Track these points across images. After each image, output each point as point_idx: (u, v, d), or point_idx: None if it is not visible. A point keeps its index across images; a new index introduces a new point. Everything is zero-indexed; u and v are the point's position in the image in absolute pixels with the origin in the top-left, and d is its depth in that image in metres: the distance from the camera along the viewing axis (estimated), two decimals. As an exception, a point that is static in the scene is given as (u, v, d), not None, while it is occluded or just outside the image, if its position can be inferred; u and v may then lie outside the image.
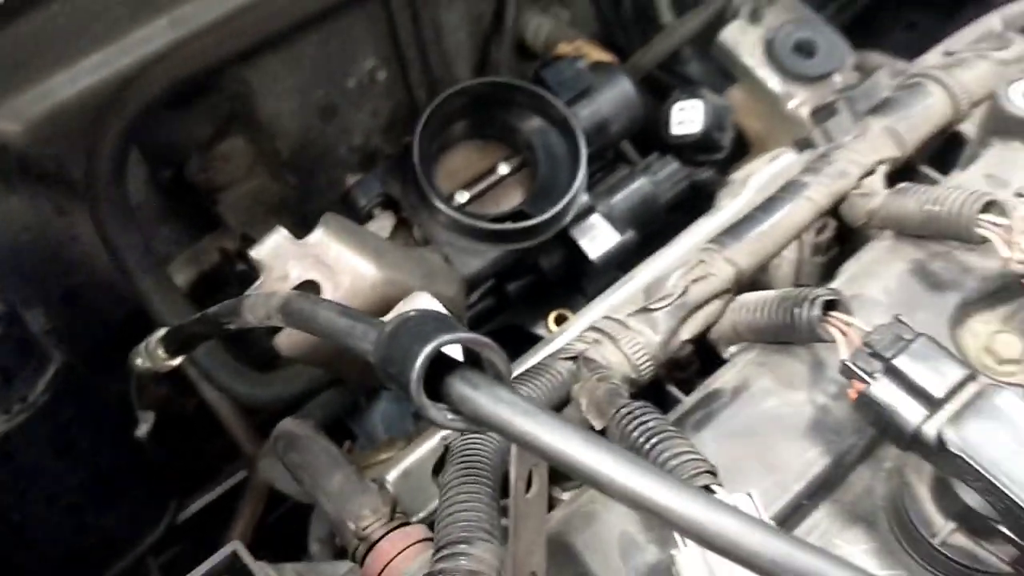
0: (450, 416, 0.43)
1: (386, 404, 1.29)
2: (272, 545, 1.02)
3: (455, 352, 0.45)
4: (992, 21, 1.08)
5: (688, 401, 0.74)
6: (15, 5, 1.00)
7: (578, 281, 1.05)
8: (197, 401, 1.31)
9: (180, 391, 1.31)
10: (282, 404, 1.09)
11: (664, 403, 0.82)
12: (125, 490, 1.23)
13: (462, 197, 0.99)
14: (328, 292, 0.75)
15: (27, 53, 1.06)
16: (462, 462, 0.60)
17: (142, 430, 1.10)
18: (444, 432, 0.84)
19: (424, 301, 0.76)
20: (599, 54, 1.17)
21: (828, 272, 0.96)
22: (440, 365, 0.43)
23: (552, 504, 0.74)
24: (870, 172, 0.83)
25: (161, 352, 0.77)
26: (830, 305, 0.68)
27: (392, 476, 0.80)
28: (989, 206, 0.71)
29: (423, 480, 0.79)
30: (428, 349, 0.42)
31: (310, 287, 0.74)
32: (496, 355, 0.43)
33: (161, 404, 1.29)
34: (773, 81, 1.21)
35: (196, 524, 1.37)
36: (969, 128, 0.89)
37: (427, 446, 0.82)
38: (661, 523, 0.37)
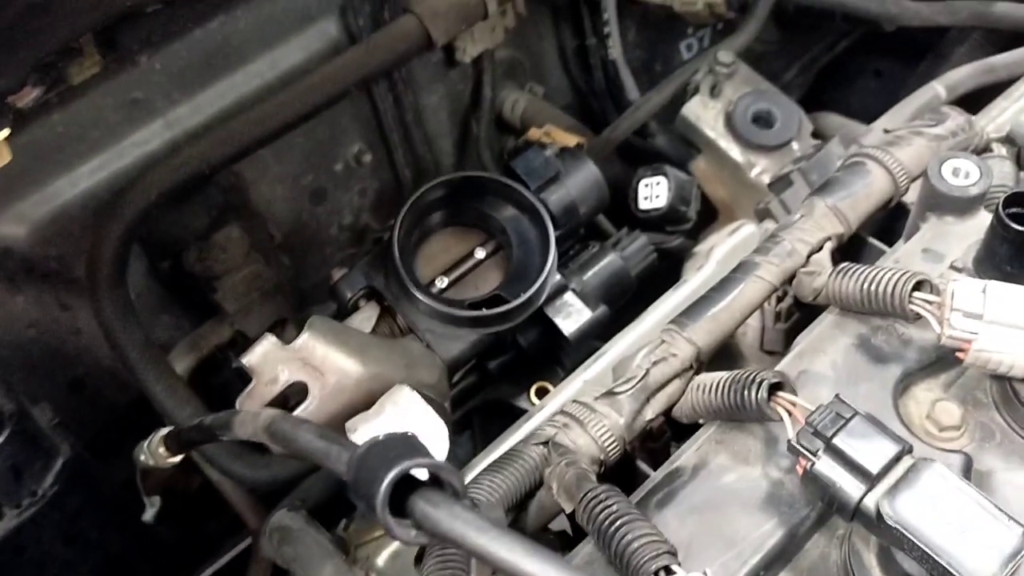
0: (413, 533, 0.48)
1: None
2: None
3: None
4: (933, 90, 1.15)
5: (654, 477, 0.79)
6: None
7: (556, 354, 1.10)
8: (201, 480, 1.36)
9: (184, 471, 1.36)
10: (279, 485, 1.14)
11: (634, 477, 0.87)
12: (135, 572, 1.27)
13: (442, 282, 1.04)
14: (315, 391, 0.80)
15: (29, 160, 1.13)
16: (438, 557, 0.65)
17: (149, 515, 1.15)
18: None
19: (405, 394, 0.82)
20: (566, 138, 1.23)
21: (791, 337, 1.02)
22: (406, 483, 0.49)
23: None
24: (817, 249, 0.89)
25: (162, 451, 0.83)
26: (777, 386, 0.73)
27: (382, 558, 0.85)
28: (920, 285, 0.77)
29: (412, 563, 0.85)
30: (391, 475, 0.47)
31: (299, 387, 0.80)
32: (452, 475, 0.49)
33: (166, 484, 1.34)
34: (734, 151, 1.28)
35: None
36: (912, 198, 0.95)
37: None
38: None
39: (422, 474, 0.50)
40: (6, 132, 0.68)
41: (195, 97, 1.24)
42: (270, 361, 0.79)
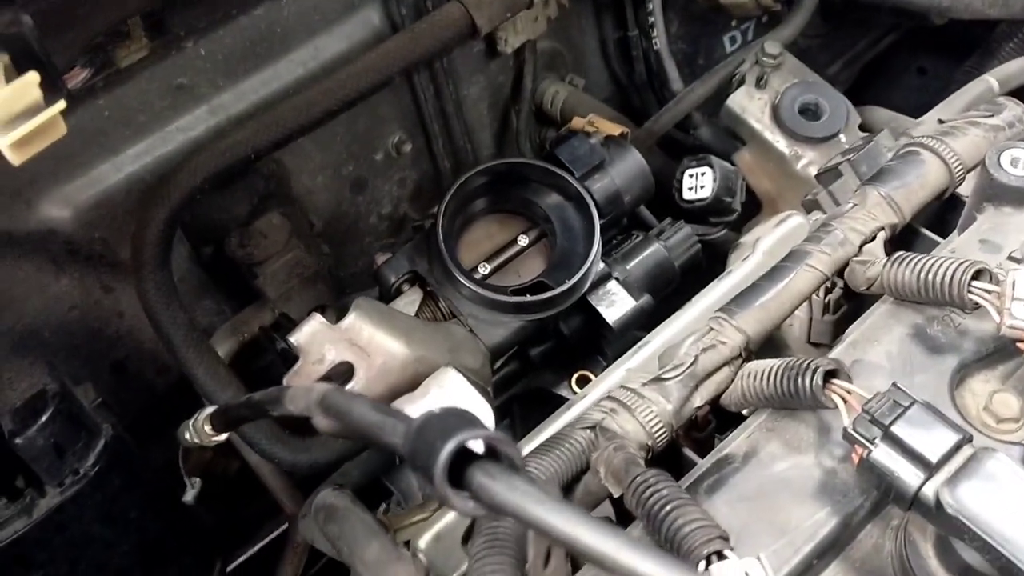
0: (471, 504, 0.47)
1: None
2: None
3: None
4: (987, 82, 1.12)
5: (702, 465, 0.78)
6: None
7: (598, 343, 1.09)
8: (239, 464, 1.36)
9: (223, 454, 1.37)
10: (320, 468, 1.14)
11: (680, 465, 0.86)
12: (172, 554, 1.28)
13: (484, 269, 1.04)
14: (361, 372, 0.80)
15: (75, 144, 1.14)
16: (488, 535, 0.64)
17: (189, 495, 1.16)
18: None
19: (450, 376, 0.81)
20: (610, 127, 1.22)
21: (839, 329, 1.00)
22: (462, 456, 0.48)
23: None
24: (870, 239, 0.87)
25: (208, 429, 0.83)
26: (832, 373, 0.72)
27: (424, 540, 0.84)
28: (979, 274, 0.75)
29: (454, 544, 0.84)
30: (450, 446, 0.47)
31: (344, 368, 0.80)
32: (510, 448, 0.48)
33: (205, 467, 1.35)
34: (781, 143, 1.26)
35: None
36: (966, 190, 0.93)
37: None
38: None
39: (478, 448, 0.49)
40: (62, 105, 0.69)
41: (239, 84, 1.24)
42: (317, 340, 0.79)
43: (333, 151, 1.37)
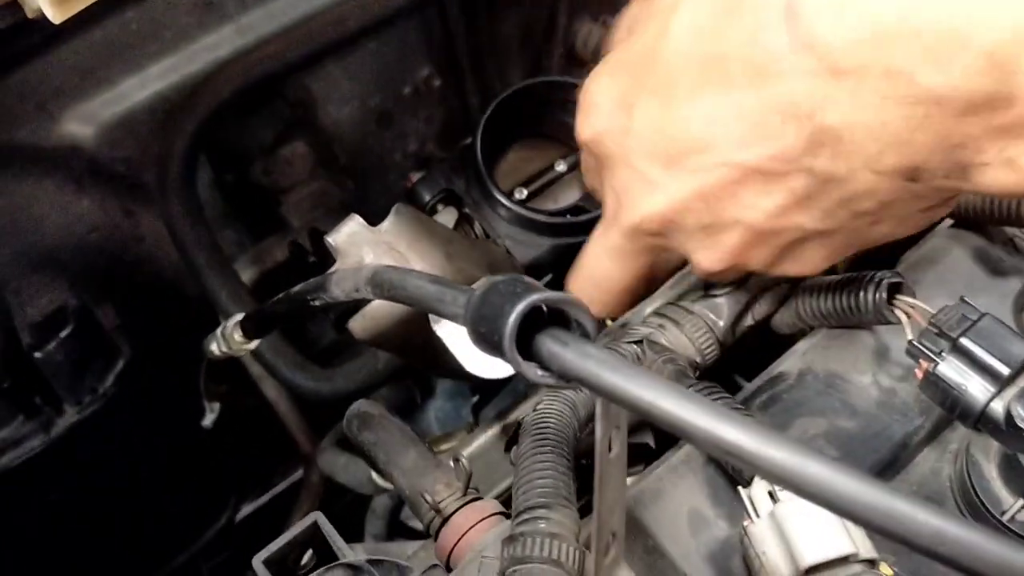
0: (540, 372, 0.45)
1: (441, 401, 1.32)
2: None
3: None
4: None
5: (751, 386, 0.75)
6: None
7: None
8: (255, 403, 1.34)
9: (238, 391, 1.35)
10: (343, 398, 1.11)
11: (728, 388, 0.83)
12: (187, 484, 1.26)
13: (520, 194, 1.01)
14: (399, 278, 0.77)
15: (100, 59, 1.10)
16: (537, 434, 0.61)
17: (208, 420, 1.13)
18: (507, 420, 0.86)
19: (490, 288, 0.78)
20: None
21: (890, 262, 0.97)
22: (528, 325, 0.45)
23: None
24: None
25: (238, 336, 0.80)
26: (894, 288, 0.69)
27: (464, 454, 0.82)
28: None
29: (486, 467, 0.82)
30: (521, 306, 0.44)
31: (382, 274, 0.77)
32: (583, 314, 0.45)
33: (220, 400, 1.32)
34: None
35: (248, 527, 1.40)
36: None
37: (490, 433, 0.84)
38: (756, 472, 0.38)
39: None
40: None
41: (268, 4, 1.20)
42: (356, 242, 0.76)
43: (361, 80, 1.33)
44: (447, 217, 0.97)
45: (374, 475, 0.99)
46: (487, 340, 0.46)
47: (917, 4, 0.47)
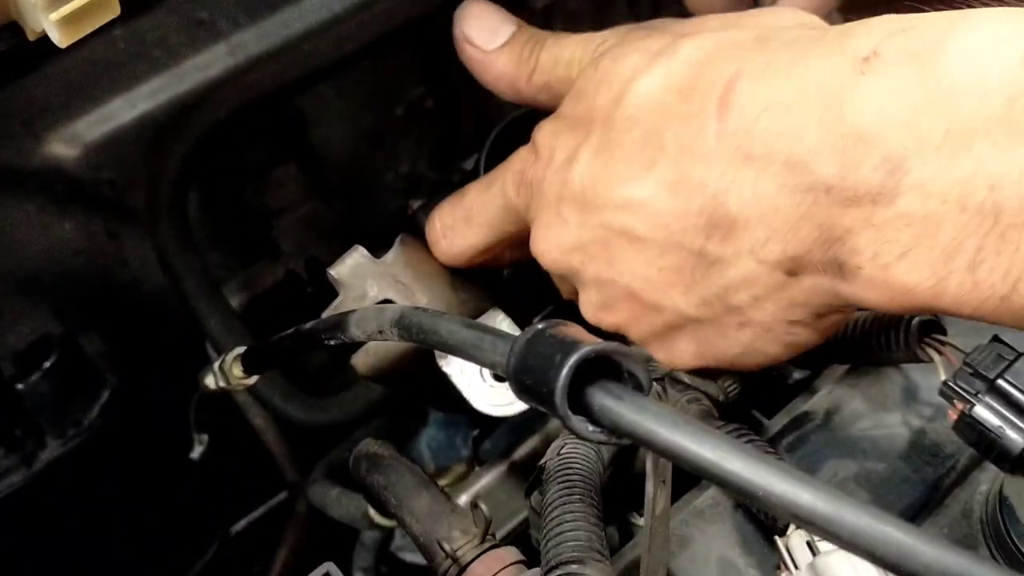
0: (591, 427, 0.42)
1: (434, 431, 1.29)
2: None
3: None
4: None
5: (775, 424, 0.73)
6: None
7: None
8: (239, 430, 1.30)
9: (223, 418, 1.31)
10: (336, 428, 1.08)
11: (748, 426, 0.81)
12: (173, 515, 1.22)
13: (524, 220, 0.98)
14: (408, 312, 0.74)
15: (87, 78, 1.07)
16: (565, 482, 0.59)
17: (196, 452, 1.10)
18: (513, 457, 0.83)
19: (500, 319, 0.76)
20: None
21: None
22: (576, 375, 0.43)
23: (631, 528, 0.73)
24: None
25: (238, 371, 0.77)
26: (927, 326, 0.67)
27: (462, 501, 0.79)
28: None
29: (492, 505, 0.79)
30: (573, 359, 0.41)
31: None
32: (637, 366, 0.42)
33: (206, 432, 1.29)
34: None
35: (234, 557, 1.36)
36: None
37: (497, 471, 0.82)
38: (833, 540, 0.36)
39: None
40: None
41: (261, 23, 1.17)
42: (360, 274, 0.74)
43: (353, 101, 1.30)
44: (450, 244, 0.94)
45: (371, 512, 0.95)
46: (532, 392, 0.43)
47: (834, 105, 0.52)
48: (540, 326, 0.45)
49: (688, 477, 0.72)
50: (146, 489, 1.15)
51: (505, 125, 0.97)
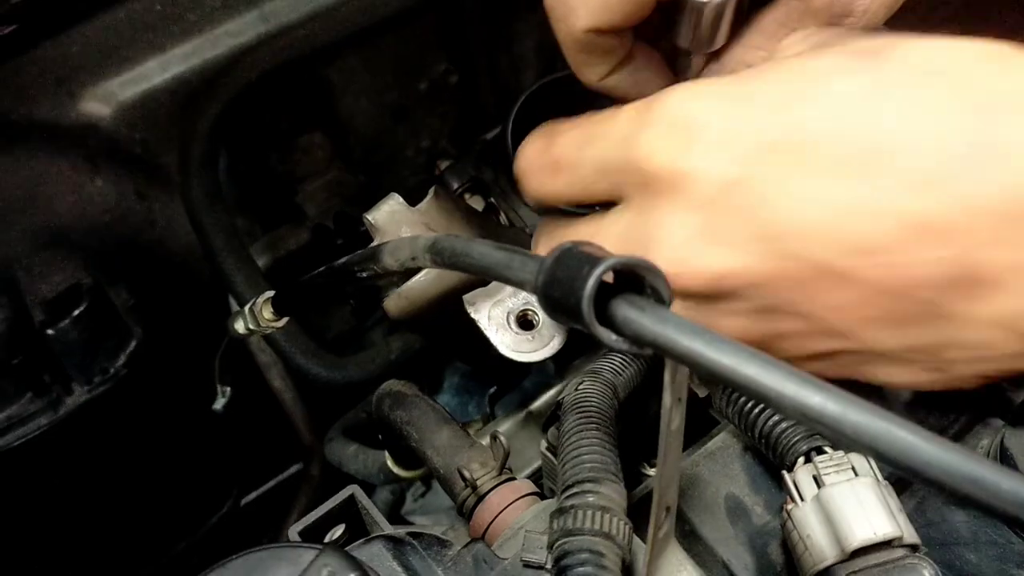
0: (615, 337, 0.45)
1: (448, 397, 1.31)
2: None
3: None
4: None
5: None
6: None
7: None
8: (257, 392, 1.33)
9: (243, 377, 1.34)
10: (353, 386, 1.11)
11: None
12: (192, 470, 1.24)
13: (546, 186, 1.01)
14: (435, 259, 0.77)
15: (122, 38, 1.10)
16: (582, 411, 0.61)
17: (219, 403, 1.12)
18: (530, 407, 0.86)
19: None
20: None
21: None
22: (601, 291, 0.45)
23: (641, 477, 0.75)
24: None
25: (268, 313, 0.79)
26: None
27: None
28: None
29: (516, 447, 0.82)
30: (599, 270, 0.44)
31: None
32: (660, 279, 0.45)
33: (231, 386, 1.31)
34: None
35: (247, 518, 1.39)
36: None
37: (515, 418, 0.84)
38: (839, 437, 0.39)
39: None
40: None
41: (294, -10, 1.20)
42: (395, 220, 0.76)
43: (379, 73, 1.33)
44: (474, 206, 0.96)
45: (389, 462, 0.98)
46: (560, 305, 0.46)
47: None
48: (567, 244, 0.48)
49: (697, 430, 0.74)
50: (167, 441, 1.18)
51: (531, 92, 1.00)
